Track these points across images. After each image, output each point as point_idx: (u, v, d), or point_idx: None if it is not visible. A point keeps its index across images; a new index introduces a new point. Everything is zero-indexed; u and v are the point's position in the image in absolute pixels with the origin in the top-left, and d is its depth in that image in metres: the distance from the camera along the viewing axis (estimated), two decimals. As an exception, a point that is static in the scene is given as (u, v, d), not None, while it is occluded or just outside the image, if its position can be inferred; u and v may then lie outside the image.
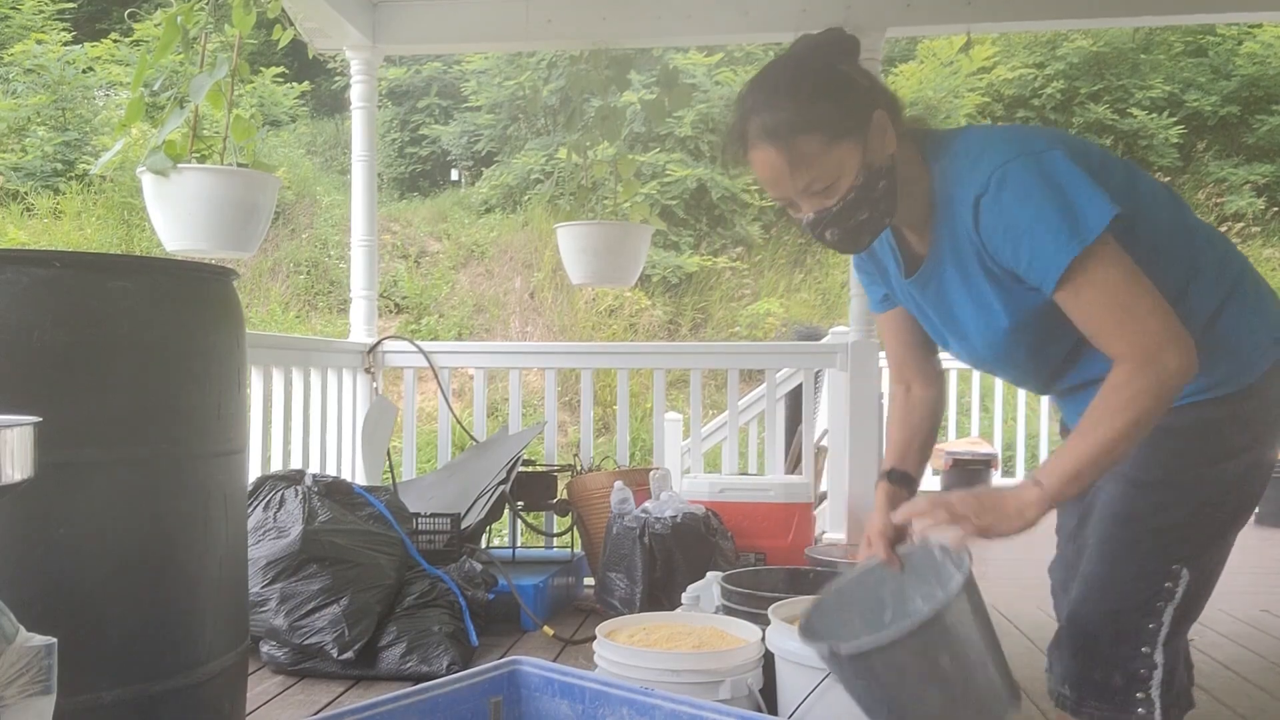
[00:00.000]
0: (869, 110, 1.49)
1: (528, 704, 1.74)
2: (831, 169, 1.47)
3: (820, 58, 1.54)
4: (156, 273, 1.70)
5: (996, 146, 1.46)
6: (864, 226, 1.52)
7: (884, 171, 1.49)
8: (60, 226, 10.45)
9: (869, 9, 3.71)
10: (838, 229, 1.52)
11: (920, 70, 12.10)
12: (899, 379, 1.82)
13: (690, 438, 4.21)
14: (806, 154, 1.46)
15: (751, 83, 1.55)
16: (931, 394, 1.80)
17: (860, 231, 1.53)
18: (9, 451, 1.00)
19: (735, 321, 11.17)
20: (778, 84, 1.52)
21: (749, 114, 1.51)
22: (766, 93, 1.51)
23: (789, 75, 1.52)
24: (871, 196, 1.49)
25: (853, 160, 1.47)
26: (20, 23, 12.29)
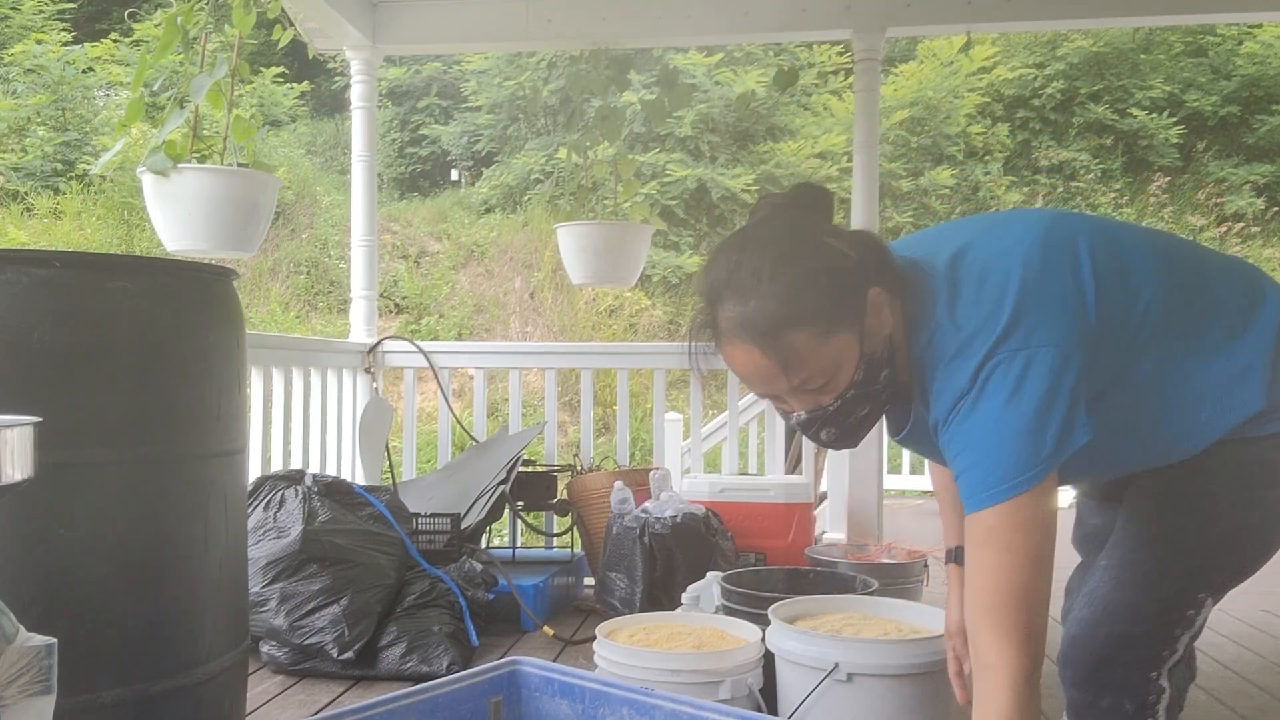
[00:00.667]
0: (864, 288, 1.30)
1: (528, 704, 1.74)
2: (828, 366, 1.29)
3: (802, 228, 1.33)
4: (156, 273, 1.70)
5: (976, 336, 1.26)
6: (864, 421, 1.36)
7: (885, 359, 1.33)
8: (60, 226, 10.45)
9: (869, 9, 3.71)
10: (834, 429, 1.36)
11: (920, 70, 12.10)
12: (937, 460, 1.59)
13: (690, 438, 4.21)
14: (798, 352, 1.28)
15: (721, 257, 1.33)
16: None
17: (860, 428, 1.38)
18: (9, 451, 1.00)
19: (735, 321, 11.18)
20: (754, 268, 1.29)
21: (720, 298, 1.31)
22: (742, 275, 1.30)
23: (768, 258, 1.29)
24: (873, 390, 1.33)
25: (851, 352, 1.30)
26: (20, 23, 12.29)
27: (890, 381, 1.35)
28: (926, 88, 11.96)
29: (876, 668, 1.83)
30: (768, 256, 1.30)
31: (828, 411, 1.33)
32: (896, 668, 1.84)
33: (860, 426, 1.37)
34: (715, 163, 11.71)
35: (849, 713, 1.84)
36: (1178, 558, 1.38)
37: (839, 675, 1.81)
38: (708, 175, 11.44)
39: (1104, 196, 11.82)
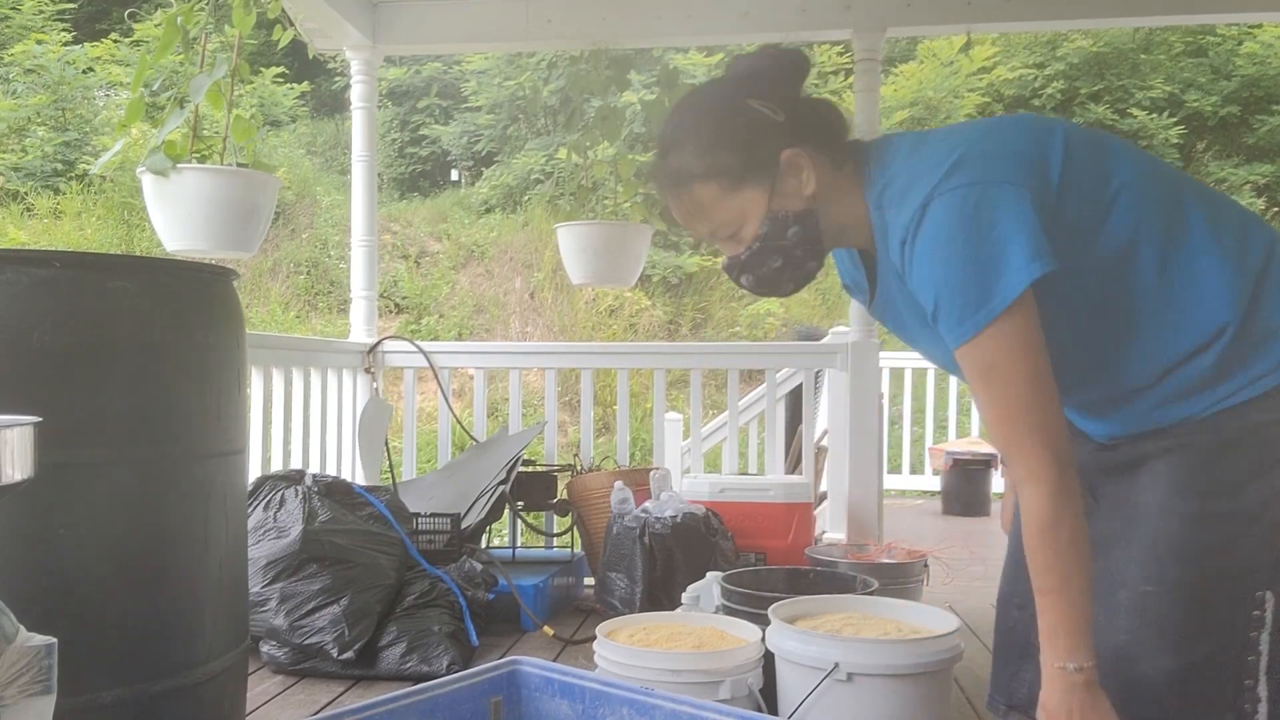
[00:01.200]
0: (777, 151, 1.37)
1: (528, 704, 1.74)
2: (734, 219, 1.40)
3: (728, 95, 1.43)
4: (157, 273, 1.70)
5: (924, 175, 1.31)
6: (781, 273, 1.44)
7: (797, 216, 1.39)
8: (60, 227, 10.45)
9: (869, 9, 3.71)
10: (751, 275, 1.44)
11: (920, 70, 12.10)
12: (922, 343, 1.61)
13: (690, 438, 4.21)
14: (704, 203, 1.40)
15: (665, 120, 1.47)
16: None
17: (778, 279, 1.44)
18: (9, 451, 1.00)
19: (735, 321, 11.17)
20: (680, 126, 1.43)
21: (659, 155, 1.45)
22: (671, 134, 1.43)
23: (691, 117, 1.43)
24: (781, 244, 1.40)
25: (757, 207, 1.39)
26: (20, 23, 12.28)
27: (802, 238, 1.41)
28: (927, 88, 11.96)
29: (877, 668, 1.83)
30: (693, 115, 1.43)
31: (740, 260, 1.43)
32: (897, 668, 1.84)
33: (777, 278, 1.44)
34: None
35: (849, 713, 1.84)
36: (1215, 571, 1.33)
37: (839, 675, 1.81)
38: (708, 175, 11.45)
39: (1104, 196, 11.84)
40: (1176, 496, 1.34)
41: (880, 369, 3.98)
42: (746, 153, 1.38)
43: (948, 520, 5.96)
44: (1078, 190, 1.31)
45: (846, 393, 3.80)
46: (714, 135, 1.39)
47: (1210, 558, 1.33)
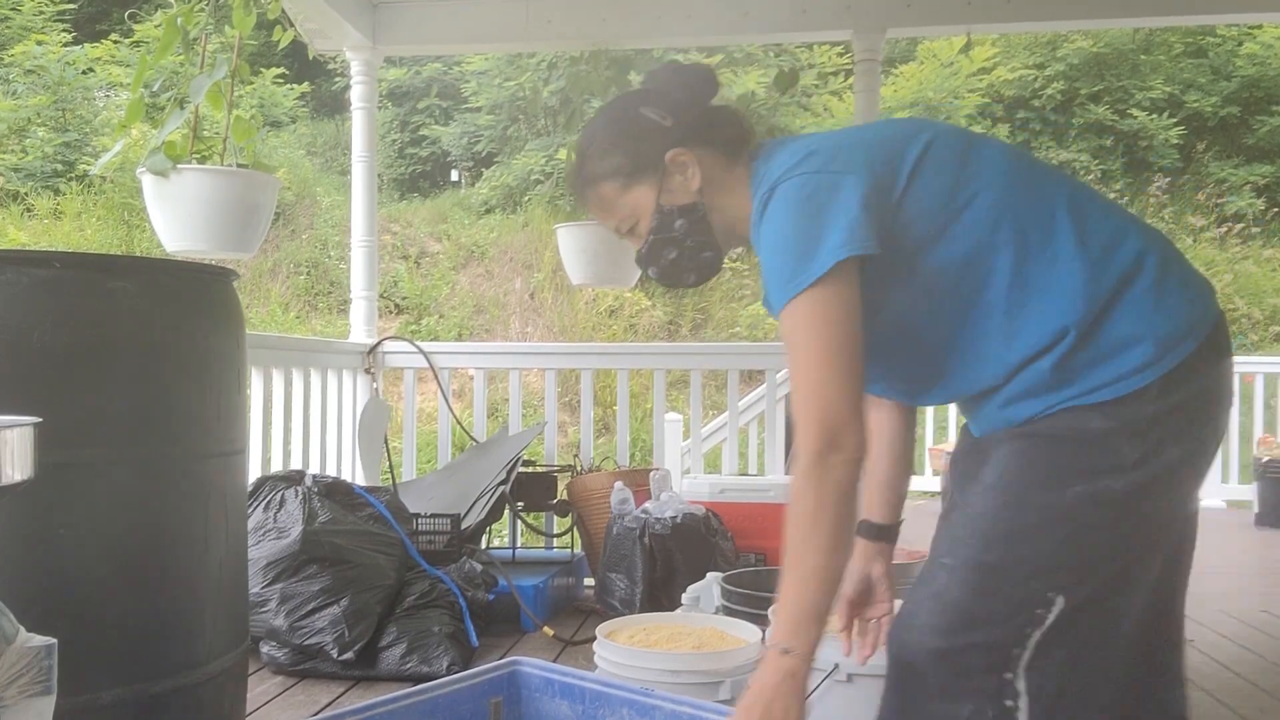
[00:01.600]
0: (663, 151, 1.49)
1: (528, 704, 1.74)
2: (628, 214, 1.53)
3: (625, 104, 1.59)
4: (157, 273, 1.70)
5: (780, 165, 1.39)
6: (678, 264, 1.54)
7: (683, 210, 1.50)
8: (60, 227, 10.45)
9: (869, 9, 3.71)
10: (654, 267, 1.56)
11: (920, 71, 12.10)
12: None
13: (690, 438, 4.21)
14: (604, 200, 1.55)
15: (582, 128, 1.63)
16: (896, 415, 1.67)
17: (677, 270, 1.55)
18: (9, 452, 1.00)
19: (735, 322, 11.17)
20: (587, 131, 1.59)
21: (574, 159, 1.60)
22: (582, 139, 1.60)
23: (596, 124, 1.59)
24: (672, 237, 1.51)
25: (646, 203, 1.51)
26: (20, 24, 12.29)
27: (689, 230, 1.51)
28: (927, 88, 11.96)
29: (877, 668, 1.83)
30: (597, 122, 1.60)
31: (642, 254, 1.56)
32: (897, 668, 1.83)
33: (676, 269, 1.55)
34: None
35: (849, 714, 1.84)
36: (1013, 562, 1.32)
37: (839, 676, 1.81)
38: (708, 176, 11.44)
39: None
40: (1004, 477, 1.35)
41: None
42: (637, 153, 1.51)
43: (948, 521, 5.95)
44: (925, 193, 1.36)
45: (846, 393, 3.79)
46: (610, 139, 1.54)
47: (1015, 544, 1.32)
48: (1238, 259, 11.06)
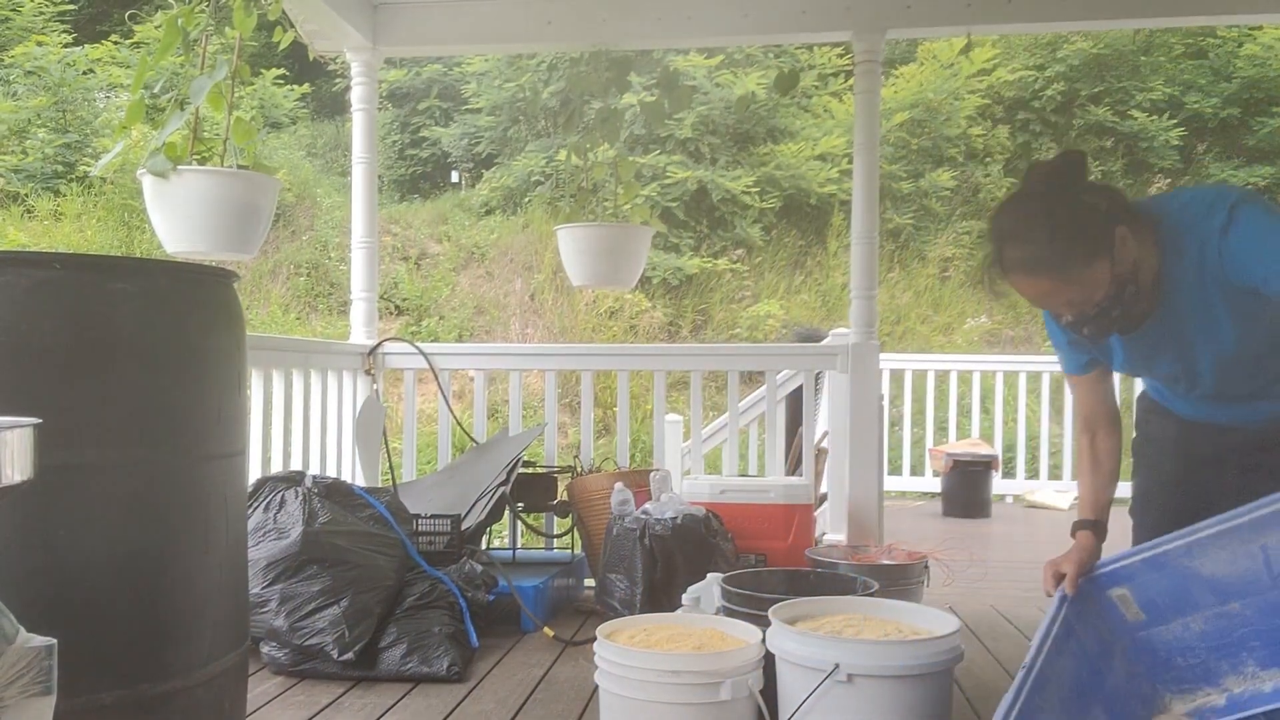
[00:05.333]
0: (1112, 229, 1.72)
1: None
2: (1088, 289, 1.73)
3: (1064, 191, 1.77)
4: (157, 275, 1.70)
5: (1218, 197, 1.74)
6: (1115, 321, 1.79)
7: (1131, 275, 1.75)
8: (61, 228, 10.44)
9: (869, 11, 3.71)
10: (1093, 327, 1.79)
11: (920, 72, 12.09)
12: (1085, 429, 2.03)
13: (690, 439, 4.21)
14: (1065, 282, 1.73)
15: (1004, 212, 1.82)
16: (1115, 440, 2.01)
17: (1112, 325, 1.80)
18: (9, 453, 1.00)
19: (736, 323, 11.17)
20: (1033, 219, 1.75)
21: (1004, 243, 1.78)
22: (1022, 227, 1.76)
23: (1042, 214, 1.75)
24: (1122, 298, 1.76)
25: (1104, 276, 1.73)
26: (21, 25, 12.28)
27: (1135, 292, 1.76)
28: (927, 90, 11.95)
29: (877, 669, 1.84)
30: (1042, 212, 1.75)
31: (1089, 316, 1.77)
32: (897, 669, 1.84)
33: (1113, 324, 1.80)
34: (715, 165, 11.70)
35: (850, 714, 1.84)
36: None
37: (839, 676, 1.81)
38: (708, 177, 11.43)
39: (1104, 198, 11.83)
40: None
41: (880, 370, 3.98)
42: (1094, 236, 1.72)
43: (948, 522, 5.96)
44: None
45: (847, 394, 3.80)
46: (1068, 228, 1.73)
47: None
48: (1238, 260, 11.06)
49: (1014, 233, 1.77)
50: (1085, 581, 1.90)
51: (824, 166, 11.70)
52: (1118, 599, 1.88)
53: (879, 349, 3.80)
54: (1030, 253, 1.74)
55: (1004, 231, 1.79)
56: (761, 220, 11.84)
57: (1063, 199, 1.76)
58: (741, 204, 11.68)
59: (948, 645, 1.90)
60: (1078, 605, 1.88)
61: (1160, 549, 1.80)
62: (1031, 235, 1.74)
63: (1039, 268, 1.74)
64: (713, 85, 11.73)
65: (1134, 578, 1.86)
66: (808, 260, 11.58)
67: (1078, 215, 1.74)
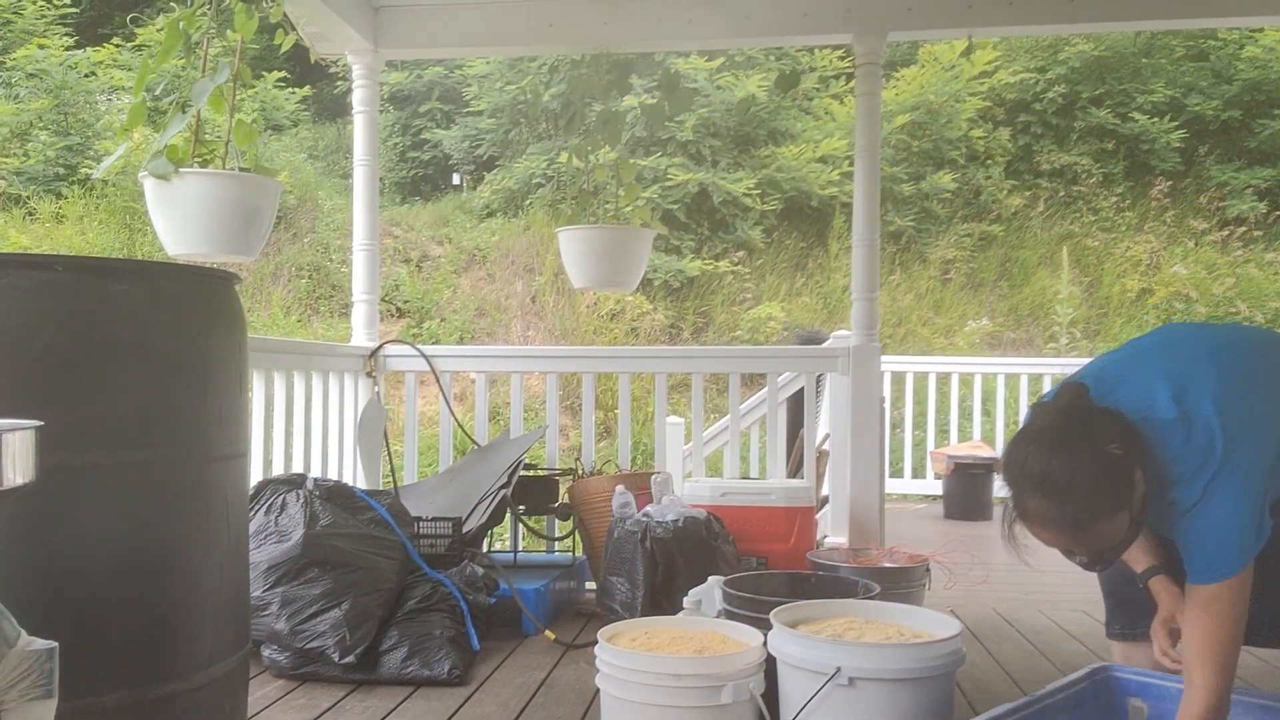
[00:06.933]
0: (1131, 476, 1.72)
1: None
2: (1111, 535, 1.75)
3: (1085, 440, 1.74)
4: (158, 277, 1.70)
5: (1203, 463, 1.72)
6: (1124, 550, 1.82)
7: (1144, 509, 1.76)
8: (62, 231, 10.45)
9: (870, 13, 3.71)
10: (1105, 563, 1.83)
11: (921, 74, 12.09)
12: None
13: (692, 442, 4.21)
14: (1089, 533, 1.74)
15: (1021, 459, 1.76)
16: None
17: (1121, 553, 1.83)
18: (10, 455, 1.00)
19: (737, 325, 11.16)
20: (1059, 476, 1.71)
21: (1024, 492, 1.75)
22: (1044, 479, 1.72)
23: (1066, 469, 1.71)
24: (1133, 537, 1.78)
25: (1124, 520, 1.74)
26: (22, 27, 12.29)
27: (1140, 527, 1.78)
28: (928, 92, 11.94)
29: (879, 672, 1.83)
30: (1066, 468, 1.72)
31: (1105, 557, 1.80)
32: (899, 672, 1.83)
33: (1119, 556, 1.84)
34: (717, 167, 11.70)
35: (851, 717, 1.84)
36: None
37: (841, 679, 1.81)
38: (709, 179, 11.43)
39: (1105, 200, 11.81)
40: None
41: (882, 373, 3.98)
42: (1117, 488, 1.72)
43: (949, 524, 5.95)
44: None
45: (848, 396, 3.80)
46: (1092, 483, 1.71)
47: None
48: (1239, 262, 11.05)
49: (1035, 486, 1.73)
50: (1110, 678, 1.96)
51: (825, 169, 11.70)
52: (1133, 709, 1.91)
53: (880, 351, 3.80)
54: (1052, 510, 1.72)
55: (1022, 480, 1.75)
56: (763, 222, 11.84)
57: (1086, 451, 1.72)
58: (743, 206, 11.68)
59: (949, 648, 1.89)
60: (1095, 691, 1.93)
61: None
62: (1053, 492, 1.71)
63: (1062, 525, 1.73)
64: (714, 88, 11.73)
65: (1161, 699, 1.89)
66: (809, 262, 11.58)
67: (1101, 469, 1.71)
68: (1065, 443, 1.74)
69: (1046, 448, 1.75)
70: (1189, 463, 1.75)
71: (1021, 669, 2.79)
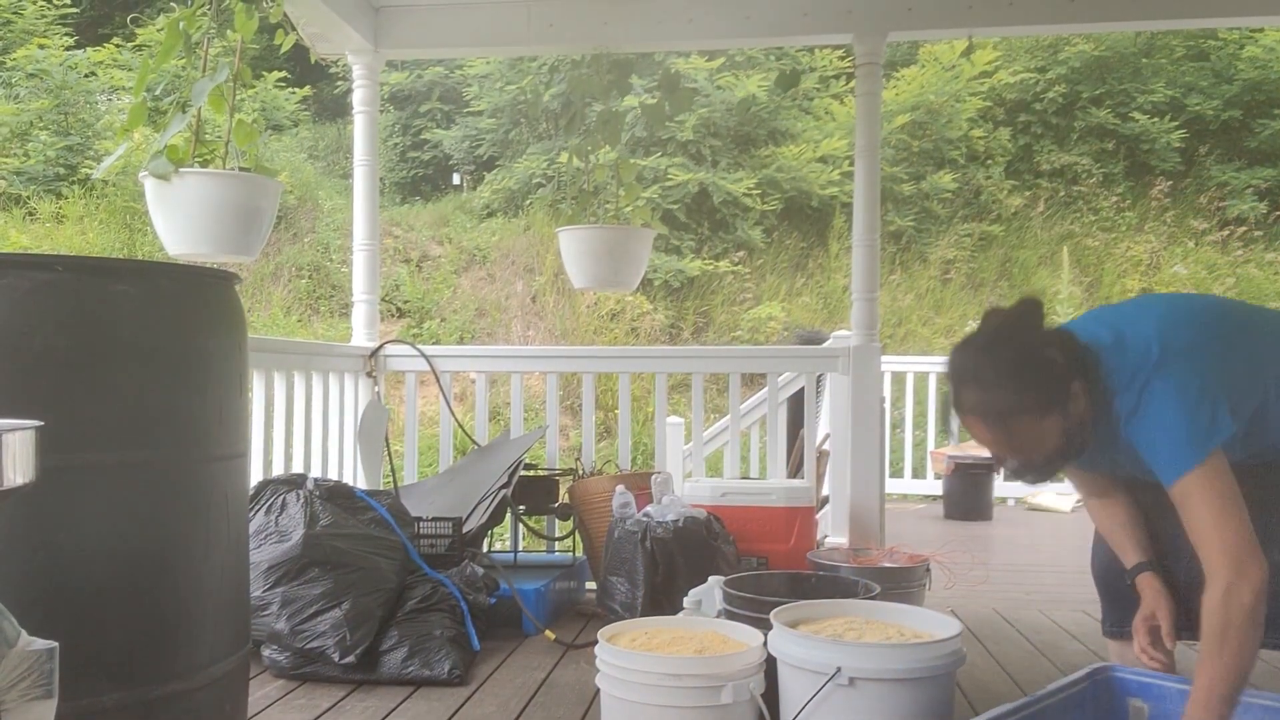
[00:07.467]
0: (1068, 385, 1.76)
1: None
2: (1039, 439, 1.78)
3: (1023, 342, 1.80)
4: (158, 277, 1.70)
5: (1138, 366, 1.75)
6: (1057, 468, 1.86)
7: (1080, 426, 1.79)
8: (62, 231, 10.45)
9: (870, 13, 3.71)
10: (1034, 474, 1.84)
11: (922, 74, 12.09)
12: (1090, 494, 2.10)
13: (692, 442, 4.21)
14: (1017, 431, 1.77)
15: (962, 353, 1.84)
16: (1123, 495, 2.06)
17: (1055, 471, 1.86)
18: (11, 456, 1.00)
19: (737, 325, 11.16)
20: (993, 367, 1.79)
21: (960, 384, 1.82)
22: (981, 375, 1.79)
23: (1001, 360, 1.79)
24: (1069, 448, 1.81)
25: (1056, 429, 1.77)
26: (23, 27, 12.29)
27: (1084, 436, 1.81)
28: (928, 92, 11.95)
29: (879, 672, 1.83)
30: (1003, 363, 1.78)
31: (1034, 465, 1.82)
32: (899, 672, 1.83)
33: (1055, 470, 1.86)
34: (717, 167, 11.70)
35: (851, 717, 1.84)
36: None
37: (841, 679, 1.81)
38: (709, 179, 11.43)
39: (1106, 200, 11.81)
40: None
41: (882, 373, 3.97)
42: (1050, 389, 1.76)
43: (949, 524, 5.95)
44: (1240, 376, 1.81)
45: (848, 396, 3.80)
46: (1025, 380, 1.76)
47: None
48: (1240, 262, 11.06)
49: (971, 377, 1.81)
50: (1110, 678, 1.95)
51: (825, 169, 11.71)
52: (1133, 709, 1.90)
53: (880, 351, 3.80)
54: (984, 400, 1.78)
55: (960, 373, 1.84)
56: (763, 222, 11.84)
57: (1022, 351, 1.79)
58: (743, 206, 11.68)
59: (949, 648, 1.89)
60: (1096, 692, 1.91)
61: None
62: (986, 383, 1.78)
63: (990, 416, 1.78)
64: (714, 87, 11.73)
65: (1162, 700, 1.88)
66: (809, 262, 11.58)
67: (1035, 369, 1.77)
68: (1005, 339, 1.82)
69: (987, 342, 1.84)
70: (1125, 370, 1.77)
71: (1021, 669, 2.79)
